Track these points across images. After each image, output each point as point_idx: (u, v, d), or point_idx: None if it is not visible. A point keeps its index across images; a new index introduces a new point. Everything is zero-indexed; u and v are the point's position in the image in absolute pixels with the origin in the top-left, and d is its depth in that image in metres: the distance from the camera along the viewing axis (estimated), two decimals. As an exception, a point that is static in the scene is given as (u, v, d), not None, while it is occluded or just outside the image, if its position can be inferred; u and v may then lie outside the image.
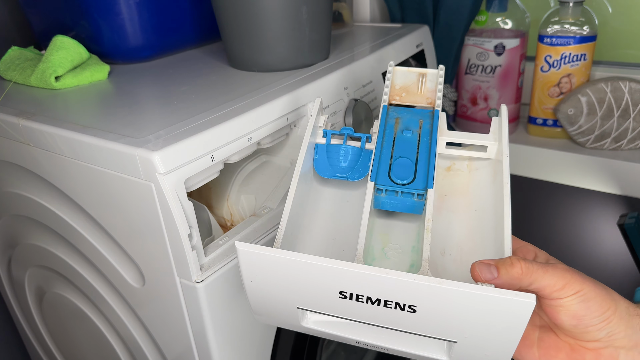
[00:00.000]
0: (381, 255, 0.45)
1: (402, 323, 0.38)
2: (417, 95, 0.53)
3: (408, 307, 0.37)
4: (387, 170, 0.46)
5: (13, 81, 0.68)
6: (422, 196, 0.45)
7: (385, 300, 0.37)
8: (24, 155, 0.58)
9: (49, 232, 0.62)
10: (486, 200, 0.48)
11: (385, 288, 0.36)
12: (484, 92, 1.01)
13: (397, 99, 0.53)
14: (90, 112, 0.58)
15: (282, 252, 0.37)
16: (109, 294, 0.60)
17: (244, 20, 0.62)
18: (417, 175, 0.45)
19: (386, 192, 0.45)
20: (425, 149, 0.47)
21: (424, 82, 0.53)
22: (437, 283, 0.34)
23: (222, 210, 0.64)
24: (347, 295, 0.37)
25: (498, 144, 0.49)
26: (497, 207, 0.45)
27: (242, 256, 0.38)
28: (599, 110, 0.90)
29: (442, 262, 0.44)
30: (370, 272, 0.35)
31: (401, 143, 0.48)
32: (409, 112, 0.51)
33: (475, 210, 0.47)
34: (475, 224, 0.46)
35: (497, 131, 0.49)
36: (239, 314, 0.54)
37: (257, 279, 0.40)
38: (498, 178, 0.47)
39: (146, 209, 0.47)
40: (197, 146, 0.47)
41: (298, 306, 0.41)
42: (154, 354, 0.60)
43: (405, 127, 0.49)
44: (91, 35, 0.71)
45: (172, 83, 0.64)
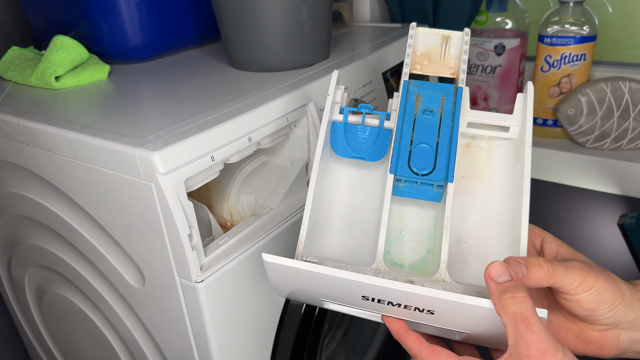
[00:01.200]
0: (398, 240, 0.45)
1: (420, 318, 0.40)
2: (440, 64, 0.49)
3: (427, 311, 0.38)
4: (406, 158, 0.45)
5: (13, 81, 0.68)
6: (442, 187, 0.44)
7: (406, 305, 0.39)
8: (24, 155, 0.58)
9: (49, 232, 0.62)
10: (505, 184, 0.46)
11: (408, 299, 0.38)
12: (484, 92, 1.01)
13: (417, 67, 0.49)
14: (90, 112, 0.58)
15: (308, 265, 0.38)
16: (109, 294, 0.60)
17: (244, 20, 0.62)
18: (437, 164, 0.44)
19: (405, 182, 0.45)
20: (446, 134, 0.45)
21: (448, 48, 0.49)
22: (457, 299, 0.36)
23: (222, 210, 0.64)
24: (369, 299, 0.39)
25: (521, 127, 0.47)
26: (515, 198, 0.45)
27: (268, 267, 0.40)
28: (599, 110, 0.90)
29: (458, 250, 0.44)
30: (393, 286, 0.36)
31: (422, 126, 0.46)
32: (431, 88, 0.48)
33: (492, 195, 0.46)
34: (491, 210, 0.46)
35: (521, 111, 0.47)
36: (239, 314, 0.54)
37: (283, 280, 0.42)
38: (519, 163, 0.45)
39: (146, 209, 0.47)
40: (197, 146, 0.47)
41: (322, 299, 0.43)
42: (154, 354, 0.60)
43: (426, 107, 0.46)
44: (91, 35, 0.71)
45: (172, 83, 0.64)
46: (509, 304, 0.35)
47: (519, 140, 0.47)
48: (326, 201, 0.47)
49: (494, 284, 0.37)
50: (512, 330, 0.35)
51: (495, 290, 0.36)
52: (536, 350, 0.34)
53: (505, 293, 0.36)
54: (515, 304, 0.35)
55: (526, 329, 0.34)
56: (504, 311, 0.35)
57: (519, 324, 0.35)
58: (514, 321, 0.35)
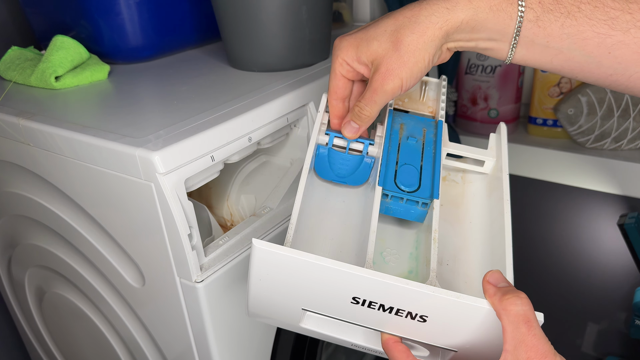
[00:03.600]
0: (380, 260, 0.45)
1: (406, 330, 0.39)
2: (419, 103, 0.54)
3: (419, 317, 0.37)
4: (392, 175, 0.46)
5: (13, 81, 0.68)
6: (426, 205, 0.45)
7: (398, 309, 0.37)
8: (24, 155, 0.58)
9: (49, 232, 0.62)
10: (481, 213, 0.49)
11: (403, 298, 0.36)
12: (484, 92, 1.01)
13: (399, 104, 0.54)
14: (90, 112, 0.58)
15: (305, 255, 0.36)
16: (109, 294, 0.60)
17: (244, 20, 0.62)
18: (422, 184, 0.46)
19: (391, 198, 0.45)
20: (429, 159, 0.48)
21: (426, 91, 0.54)
22: (456, 297, 0.35)
23: (222, 210, 0.64)
24: (359, 301, 0.38)
25: (496, 160, 0.50)
26: (494, 222, 0.46)
27: (258, 254, 0.37)
28: (599, 110, 0.90)
29: (440, 271, 0.44)
30: (391, 281, 0.35)
31: (406, 150, 0.48)
32: (413, 119, 0.51)
33: (470, 222, 0.48)
34: (470, 236, 0.47)
35: (495, 147, 0.50)
36: (239, 314, 0.54)
37: (267, 278, 0.39)
38: (494, 193, 0.48)
39: (146, 209, 0.47)
40: (197, 146, 0.47)
41: (303, 307, 0.40)
42: (154, 354, 0.60)
43: (409, 134, 0.49)
44: (91, 35, 0.71)
45: (172, 83, 0.64)
46: (512, 305, 0.35)
47: (492, 175, 0.50)
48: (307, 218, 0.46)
49: (494, 288, 0.36)
50: (512, 332, 0.34)
51: (496, 293, 0.36)
52: (537, 353, 0.34)
53: (508, 294, 0.35)
54: (519, 305, 0.35)
55: (528, 332, 0.34)
56: (506, 313, 0.35)
57: (521, 325, 0.34)
58: (516, 322, 0.34)
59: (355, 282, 0.36)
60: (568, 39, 0.39)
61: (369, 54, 0.42)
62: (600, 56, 0.39)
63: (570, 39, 0.39)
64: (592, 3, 0.38)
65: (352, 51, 0.43)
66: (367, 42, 0.42)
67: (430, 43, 0.40)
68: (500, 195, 0.46)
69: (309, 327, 0.43)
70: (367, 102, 0.43)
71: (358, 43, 0.43)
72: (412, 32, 0.40)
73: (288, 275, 0.38)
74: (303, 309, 0.41)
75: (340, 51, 0.44)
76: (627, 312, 1.07)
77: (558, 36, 0.39)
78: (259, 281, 0.39)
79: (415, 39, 0.40)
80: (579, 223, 1.05)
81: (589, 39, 0.38)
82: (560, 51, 0.40)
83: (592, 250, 1.06)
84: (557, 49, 0.40)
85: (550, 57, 0.41)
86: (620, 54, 0.38)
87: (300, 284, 0.38)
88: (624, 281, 1.05)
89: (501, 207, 0.45)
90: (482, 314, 0.36)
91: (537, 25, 0.39)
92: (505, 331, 0.35)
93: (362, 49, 0.42)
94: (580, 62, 0.40)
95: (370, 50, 0.42)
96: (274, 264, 0.37)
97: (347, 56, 0.43)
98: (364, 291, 0.37)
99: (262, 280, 0.39)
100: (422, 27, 0.40)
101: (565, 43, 0.39)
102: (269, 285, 0.39)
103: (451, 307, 0.36)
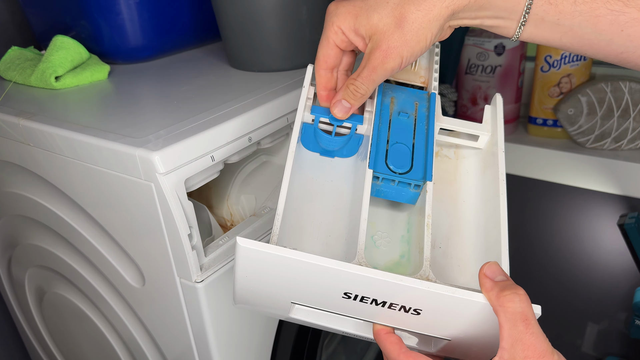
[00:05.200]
0: (371, 245, 0.44)
1: (401, 322, 0.38)
2: (411, 73, 0.51)
3: (413, 310, 0.36)
4: (384, 156, 0.44)
5: (13, 81, 0.68)
6: (419, 187, 0.43)
7: (392, 303, 0.36)
8: (24, 155, 0.58)
9: (49, 232, 0.62)
10: (475, 192, 0.47)
11: (396, 293, 0.36)
12: (484, 92, 1.01)
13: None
14: (90, 112, 0.58)
15: (292, 252, 0.35)
16: (109, 294, 0.60)
17: (244, 20, 0.62)
18: (414, 164, 0.44)
19: (382, 180, 0.43)
20: (421, 136, 0.45)
21: (418, 59, 0.51)
22: (451, 292, 0.34)
23: (222, 210, 0.64)
24: (351, 296, 0.36)
25: (491, 135, 0.48)
26: (488, 202, 0.45)
27: (243, 253, 0.35)
28: (599, 110, 0.90)
29: (433, 255, 0.43)
30: (386, 278, 0.34)
31: (397, 127, 0.45)
32: (404, 92, 0.48)
33: (463, 201, 0.46)
34: (463, 216, 0.45)
35: (491, 121, 0.48)
36: (239, 314, 0.54)
37: (253, 275, 0.37)
38: (489, 170, 0.46)
39: (146, 209, 0.47)
40: (197, 146, 0.47)
41: (293, 301, 0.39)
42: (154, 354, 0.60)
43: (401, 109, 0.47)
44: (91, 35, 0.71)
45: (172, 83, 0.64)
46: (509, 302, 0.33)
47: (487, 150, 0.48)
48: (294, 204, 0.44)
49: (491, 282, 0.35)
50: (509, 331, 0.33)
51: (493, 288, 0.34)
52: (534, 353, 0.33)
53: (506, 290, 0.34)
54: (517, 302, 0.33)
55: (526, 330, 0.33)
56: (503, 310, 0.33)
57: (519, 324, 0.33)
58: (513, 320, 0.33)
59: (346, 278, 0.35)
60: (580, 16, 0.37)
61: (368, 27, 0.39)
62: (612, 34, 0.38)
63: (582, 16, 0.37)
64: None
65: (350, 20, 0.40)
66: (367, 12, 0.39)
67: (435, 22, 0.38)
68: (496, 173, 0.44)
69: (298, 317, 0.42)
70: (365, 80, 0.41)
71: (357, 12, 0.40)
72: (418, 9, 0.38)
73: (275, 272, 0.37)
74: (292, 302, 0.39)
75: (336, 18, 0.40)
76: (627, 312, 1.07)
77: (570, 13, 0.37)
78: (245, 277, 0.38)
79: (421, 16, 0.38)
80: (579, 223, 1.05)
81: (601, 16, 0.37)
82: (571, 28, 0.38)
83: (592, 250, 1.06)
84: (567, 27, 0.38)
85: (560, 34, 0.39)
86: (634, 32, 0.37)
87: (288, 280, 0.37)
88: (624, 281, 1.05)
89: (496, 187, 0.43)
90: (477, 308, 0.35)
91: (549, 2, 0.37)
92: (502, 328, 0.34)
93: (361, 20, 0.39)
94: (590, 40, 0.39)
95: (370, 23, 0.39)
96: (260, 262, 0.36)
97: (343, 24, 0.40)
98: (355, 287, 0.36)
99: (249, 277, 0.38)
100: (428, 3, 0.38)
101: (577, 20, 0.38)
102: (255, 281, 0.38)
103: (446, 301, 0.35)
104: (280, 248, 0.35)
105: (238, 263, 0.36)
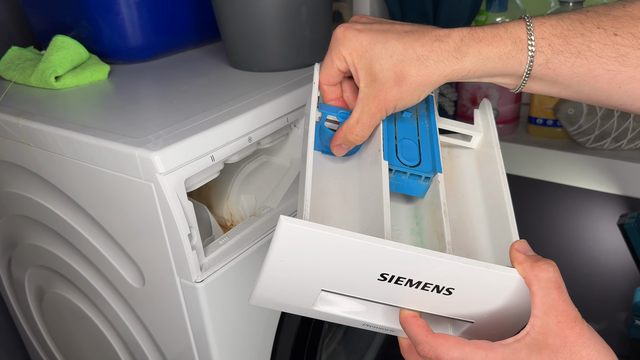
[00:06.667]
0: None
1: (429, 305, 0.39)
2: None
3: (445, 290, 0.37)
4: (394, 150, 0.45)
5: (13, 81, 0.68)
6: (429, 179, 0.45)
7: (426, 283, 0.37)
8: (24, 155, 0.58)
9: (49, 232, 0.62)
10: (473, 187, 0.49)
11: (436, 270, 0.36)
12: (484, 92, 1.01)
13: None
14: (90, 112, 0.58)
15: (342, 231, 0.34)
16: (109, 294, 0.60)
17: (244, 20, 0.62)
18: (422, 158, 0.46)
19: (395, 173, 0.45)
20: (424, 132, 0.48)
21: None
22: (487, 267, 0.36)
23: (222, 210, 0.64)
24: (387, 277, 0.37)
25: (484, 135, 0.50)
26: (488, 195, 0.47)
27: (285, 232, 0.34)
28: (599, 110, 0.90)
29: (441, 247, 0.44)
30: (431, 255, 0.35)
31: (402, 124, 0.48)
32: None
33: (463, 196, 0.48)
34: (466, 210, 0.47)
35: (482, 122, 0.50)
36: (239, 314, 0.54)
37: (290, 259, 0.36)
38: (484, 168, 0.48)
39: (146, 209, 0.47)
40: (197, 146, 0.47)
41: (324, 288, 0.39)
42: (154, 354, 0.60)
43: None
44: (91, 35, 0.71)
45: (172, 83, 0.64)
46: (544, 272, 0.35)
47: (479, 150, 0.50)
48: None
49: (523, 255, 0.37)
50: (543, 298, 0.35)
51: (526, 260, 0.36)
52: (567, 318, 0.34)
53: (540, 262, 0.36)
54: (550, 272, 0.35)
55: (559, 297, 0.35)
56: (537, 279, 0.35)
57: (552, 291, 0.35)
58: (547, 288, 0.35)
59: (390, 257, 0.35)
60: (577, 77, 0.39)
61: (369, 73, 0.41)
62: (610, 90, 0.39)
63: (579, 77, 0.39)
64: (602, 41, 0.38)
65: (355, 57, 0.42)
66: (371, 59, 0.41)
67: (432, 85, 0.41)
68: (494, 168, 0.46)
69: (321, 310, 0.42)
70: (364, 126, 0.43)
71: (362, 53, 0.41)
72: (418, 73, 0.40)
73: (316, 254, 0.35)
74: (323, 289, 0.39)
75: (343, 47, 0.42)
76: (627, 312, 1.07)
77: (568, 75, 0.39)
78: (280, 262, 0.36)
79: (419, 80, 0.40)
80: (579, 223, 1.05)
81: (599, 76, 0.39)
82: (569, 86, 0.40)
83: (592, 250, 1.06)
84: (566, 85, 0.40)
85: (559, 89, 0.41)
86: (631, 88, 0.39)
87: (327, 264, 0.36)
88: (624, 281, 1.05)
89: (497, 180, 0.45)
90: (512, 283, 0.37)
91: (547, 68, 0.39)
92: (535, 297, 0.35)
93: (364, 62, 0.41)
94: (589, 94, 0.41)
95: (371, 71, 0.41)
96: (302, 243, 0.35)
97: (348, 57, 0.42)
98: (395, 267, 0.36)
99: (284, 261, 0.36)
100: (428, 71, 0.40)
101: (575, 80, 0.39)
102: (289, 266, 0.36)
103: (481, 277, 0.36)
104: (329, 227, 0.34)
105: (277, 244, 0.35)
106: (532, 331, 0.35)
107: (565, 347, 0.34)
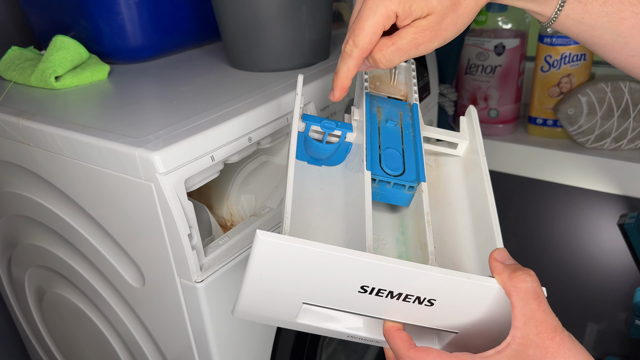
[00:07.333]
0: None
1: (411, 316, 0.39)
2: (390, 87, 0.54)
3: (427, 301, 0.37)
4: (377, 160, 0.45)
5: (13, 81, 0.68)
6: (413, 188, 0.45)
7: (407, 294, 0.37)
8: (24, 155, 0.58)
9: (49, 232, 0.62)
10: (459, 195, 0.49)
11: (414, 283, 0.36)
12: (484, 92, 1.01)
13: (372, 87, 0.53)
14: (90, 112, 0.58)
15: (319, 245, 0.34)
16: (109, 294, 0.60)
17: (244, 20, 0.62)
18: (406, 167, 0.45)
19: (378, 183, 0.45)
20: (409, 142, 0.47)
21: (396, 75, 0.54)
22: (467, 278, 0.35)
23: (222, 210, 0.64)
24: (368, 290, 0.36)
25: (470, 142, 0.50)
26: (474, 203, 0.47)
27: (262, 247, 0.34)
28: (599, 110, 0.91)
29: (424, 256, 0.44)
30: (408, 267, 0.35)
31: (386, 133, 0.47)
32: (388, 103, 0.51)
33: (449, 205, 0.48)
34: (452, 218, 0.47)
35: (467, 130, 0.51)
36: (239, 314, 0.54)
37: (269, 274, 0.36)
38: (470, 175, 0.48)
39: (146, 209, 0.47)
40: (197, 146, 0.47)
41: (305, 301, 0.39)
42: (154, 354, 0.60)
43: (387, 117, 0.49)
44: (91, 35, 0.71)
45: (172, 83, 0.64)
46: (522, 282, 0.35)
47: (465, 157, 0.51)
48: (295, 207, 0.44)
49: (502, 265, 0.36)
50: (522, 309, 0.34)
51: (505, 270, 0.36)
52: (547, 328, 0.34)
53: (517, 271, 0.35)
54: (528, 282, 0.35)
55: (538, 307, 0.34)
56: (516, 290, 0.35)
57: (531, 302, 0.34)
58: (526, 299, 0.34)
59: (369, 270, 0.35)
60: (605, 16, 0.39)
61: (426, 8, 0.38)
62: (630, 36, 0.39)
63: (607, 17, 0.39)
64: None
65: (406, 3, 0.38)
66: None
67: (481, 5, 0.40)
68: (479, 176, 0.46)
69: (305, 322, 0.41)
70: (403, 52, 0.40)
71: None
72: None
73: (294, 268, 0.35)
74: (304, 302, 0.39)
75: (389, 2, 0.38)
76: (627, 312, 1.07)
77: (597, 13, 0.39)
78: (259, 277, 0.36)
79: (473, 2, 0.39)
80: (579, 223, 1.05)
81: (625, 19, 0.39)
82: (592, 27, 0.40)
83: (592, 250, 1.06)
84: (589, 25, 0.40)
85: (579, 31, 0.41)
86: None
87: (306, 277, 0.36)
88: (624, 281, 1.05)
89: (481, 188, 0.45)
90: (492, 293, 0.36)
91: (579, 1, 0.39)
92: (514, 307, 0.35)
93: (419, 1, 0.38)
94: (606, 40, 0.40)
95: (429, 5, 0.38)
96: (279, 257, 0.34)
97: (399, 8, 0.38)
98: (375, 279, 0.36)
99: (263, 275, 0.36)
100: None
101: (601, 21, 0.39)
102: (269, 280, 0.36)
103: (461, 287, 0.36)
104: (306, 241, 0.34)
105: (255, 258, 0.35)
106: (513, 342, 0.35)
107: (545, 359, 0.34)
